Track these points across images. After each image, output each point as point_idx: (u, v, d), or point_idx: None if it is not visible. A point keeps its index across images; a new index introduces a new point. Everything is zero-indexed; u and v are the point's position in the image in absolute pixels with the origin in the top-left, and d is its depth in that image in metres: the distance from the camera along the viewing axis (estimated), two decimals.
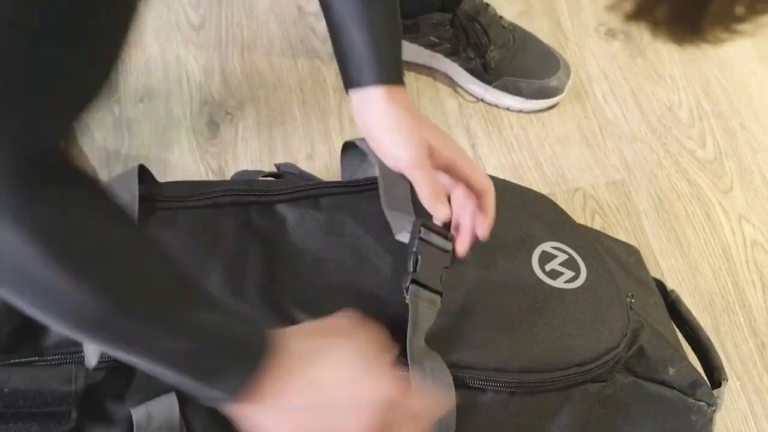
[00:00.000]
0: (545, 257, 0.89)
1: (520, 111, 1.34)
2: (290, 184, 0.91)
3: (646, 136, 1.33)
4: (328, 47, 1.37)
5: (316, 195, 0.89)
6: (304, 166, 1.24)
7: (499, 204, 0.91)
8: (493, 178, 1.00)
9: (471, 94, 1.35)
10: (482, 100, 1.34)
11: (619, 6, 0.45)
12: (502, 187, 0.99)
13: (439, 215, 0.84)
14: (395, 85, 0.85)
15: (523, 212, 0.94)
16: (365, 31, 0.83)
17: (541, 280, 0.87)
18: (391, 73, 0.85)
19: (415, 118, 0.85)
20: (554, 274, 0.87)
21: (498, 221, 0.89)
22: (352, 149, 1.00)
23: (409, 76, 1.35)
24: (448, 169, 0.86)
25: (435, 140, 0.85)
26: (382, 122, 0.84)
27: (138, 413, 0.71)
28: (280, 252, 0.83)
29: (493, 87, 1.32)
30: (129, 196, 0.82)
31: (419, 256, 0.82)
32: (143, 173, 0.88)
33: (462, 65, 1.33)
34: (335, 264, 0.84)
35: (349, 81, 0.86)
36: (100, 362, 0.71)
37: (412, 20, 1.30)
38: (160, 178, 0.90)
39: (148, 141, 1.29)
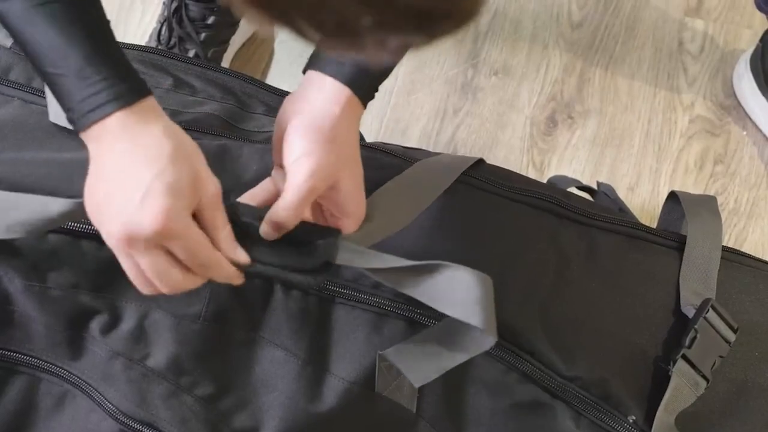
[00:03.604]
0: None
1: None
2: (608, 213, 0.90)
3: None
4: (693, 91, 1.33)
5: (630, 235, 0.88)
6: (623, 195, 1.22)
7: None
8: None
9: None
10: None
11: None
12: None
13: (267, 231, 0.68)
14: (358, 98, 0.72)
15: None
16: None
17: None
18: (361, 83, 0.72)
19: (355, 148, 0.72)
20: None
21: None
22: (675, 201, 0.97)
23: None
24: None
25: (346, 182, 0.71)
26: (332, 120, 0.69)
27: None
28: (571, 277, 0.83)
29: None
30: (450, 173, 0.84)
31: (698, 335, 0.79)
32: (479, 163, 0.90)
33: None
34: (612, 308, 0.83)
35: (312, 62, 0.72)
36: None
37: None
38: (484, 151, 0.92)
39: (486, 113, 1.32)
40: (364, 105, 0.73)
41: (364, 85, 0.72)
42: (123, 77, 0.63)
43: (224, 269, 0.64)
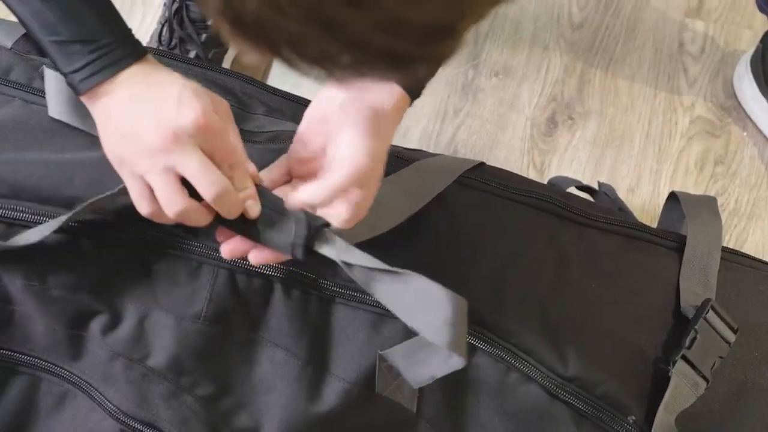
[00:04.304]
0: None
1: None
2: (608, 213, 0.90)
3: None
4: (693, 92, 1.33)
5: (630, 235, 0.88)
6: (623, 196, 1.22)
7: None
8: None
9: None
10: None
11: None
12: None
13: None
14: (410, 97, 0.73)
15: None
16: None
17: None
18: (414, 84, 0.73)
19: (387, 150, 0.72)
20: None
21: None
22: (675, 201, 0.98)
23: None
24: None
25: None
26: (382, 115, 0.70)
27: None
28: (570, 276, 0.83)
29: None
30: (448, 175, 0.84)
31: (698, 336, 0.79)
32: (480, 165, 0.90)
33: None
34: (611, 309, 0.83)
35: None
36: None
37: None
38: (485, 152, 0.92)
39: (486, 114, 1.32)
40: (411, 104, 0.74)
41: (416, 85, 0.74)
42: (130, 37, 0.69)
43: (248, 178, 0.68)
